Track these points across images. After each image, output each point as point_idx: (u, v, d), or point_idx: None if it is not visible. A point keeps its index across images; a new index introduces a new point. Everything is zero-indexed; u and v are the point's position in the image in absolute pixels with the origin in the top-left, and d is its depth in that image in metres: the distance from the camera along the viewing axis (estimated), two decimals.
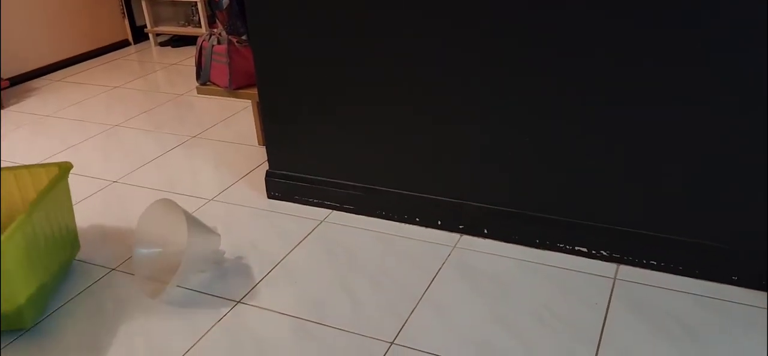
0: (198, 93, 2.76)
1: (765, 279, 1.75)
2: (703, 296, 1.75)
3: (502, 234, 2.06)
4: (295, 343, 1.69)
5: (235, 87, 2.60)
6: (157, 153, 2.94)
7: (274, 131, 2.35)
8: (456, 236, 2.13)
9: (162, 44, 4.88)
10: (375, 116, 2.12)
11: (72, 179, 2.72)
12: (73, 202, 2.53)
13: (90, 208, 2.49)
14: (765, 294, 1.74)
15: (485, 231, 2.10)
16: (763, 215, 1.70)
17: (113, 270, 2.07)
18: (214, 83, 2.68)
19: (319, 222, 2.27)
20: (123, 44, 4.89)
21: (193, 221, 1.88)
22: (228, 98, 3.10)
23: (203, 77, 2.69)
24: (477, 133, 1.98)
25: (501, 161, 1.98)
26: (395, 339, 1.68)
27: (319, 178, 2.33)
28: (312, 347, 1.67)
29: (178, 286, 1.93)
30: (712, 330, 1.62)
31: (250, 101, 2.86)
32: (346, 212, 2.32)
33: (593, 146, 1.83)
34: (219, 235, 2.00)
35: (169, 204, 1.93)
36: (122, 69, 4.33)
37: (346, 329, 1.73)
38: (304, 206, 2.38)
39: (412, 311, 1.78)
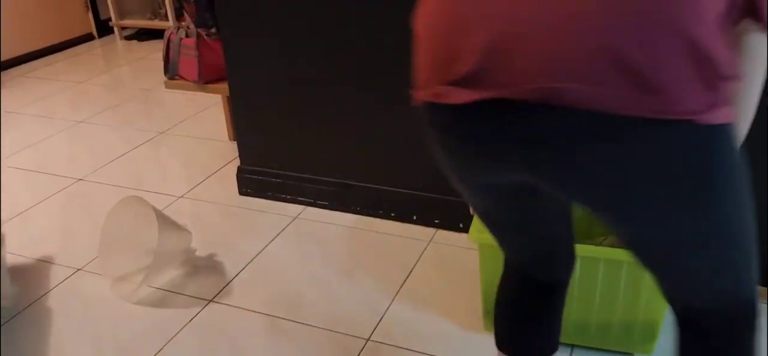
0: (166, 87, 2.69)
1: None
2: None
3: None
4: (270, 342, 1.66)
5: (205, 81, 2.54)
6: (123, 150, 2.86)
7: (245, 125, 2.31)
8: (432, 230, 2.12)
9: (128, 38, 4.77)
10: (349, 111, 2.10)
11: (35, 177, 2.63)
12: (36, 200, 2.45)
13: (53, 207, 2.41)
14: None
15: (461, 225, 2.09)
16: None
17: (79, 270, 2.00)
18: (182, 77, 2.62)
19: (292, 218, 2.23)
20: (87, 38, 4.76)
21: (162, 219, 1.83)
22: (197, 93, 3.05)
23: (171, 71, 2.63)
24: None
25: None
26: (371, 335, 1.66)
27: (292, 173, 2.29)
28: (287, 345, 1.64)
29: (147, 286, 1.88)
30: None
31: (219, 95, 2.80)
32: (320, 208, 2.28)
33: None
34: (190, 233, 1.95)
35: (137, 201, 1.88)
36: (86, 64, 4.22)
37: (321, 326, 1.70)
38: (277, 202, 2.34)
39: (389, 307, 1.76)
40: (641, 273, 1.41)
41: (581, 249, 1.43)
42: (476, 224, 1.54)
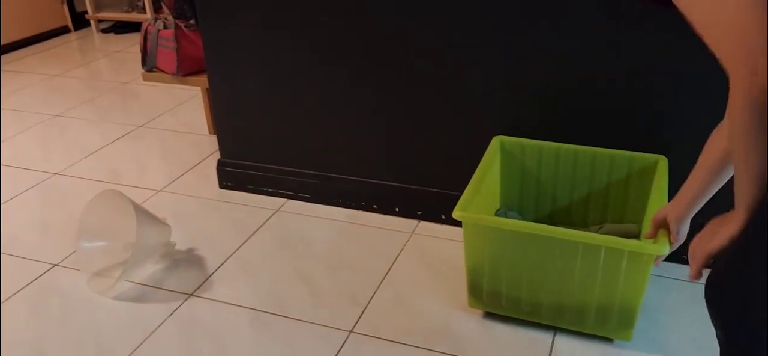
0: (144, 80, 2.65)
1: None
2: None
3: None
4: (252, 335, 1.64)
5: (184, 73, 2.51)
6: (100, 144, 2.82)
7: (225, 118, 2.28)
8: (414, 222, 2.11)
9: (104, 31, 4.69)
10: (331, 103, 2.08)
11: (10, 171, 2.58)
12: (9, 196, 2.40)
13: (28, 202, 2.36)
14: None
15: (442, 217, 2.09)
16: None
17: (56, 265, 1.96)
18: (160, 70, 2.58)
19: (273, 211, 2.21)
20: (62, 31, 4.67)
21: (141, 212, 1.80)
22: (176, 86, 3.01)
23: (149, 63, 2.59)
24: (434, 119, 1.97)
25: (458, 148, 1.97)
26: (354, 327, 1.65)
27: (273, 166, 2.27)
28: (269, 338, 1.63)
29: (126, 280, 1.85)
30: None
31: (199, 88, 2.77)
32: (301, 200, 2.27)
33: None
34: (169, 226, 1.93)
35: (115, 195, 1.84)
36: (62, 57, 4.14)
37: (304, 319, 1.69)
38: (258, 195, 2.32)
39: (371, 298, 1.75)
40: (619, 259, 1.42)
41: (560, 232, 1.44)
42: (461, 202, 1.54)
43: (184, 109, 3.17)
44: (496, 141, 1.84)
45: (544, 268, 1.51)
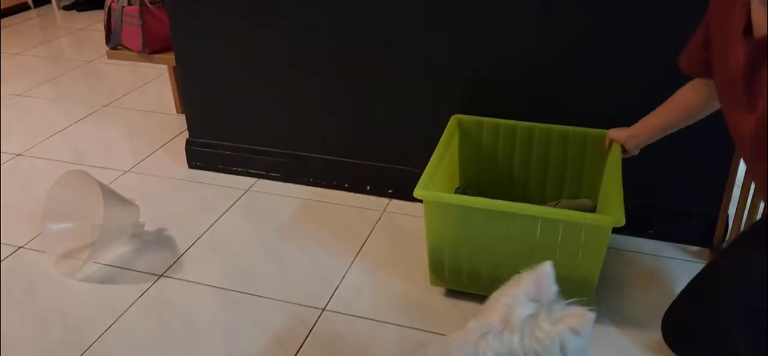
0: (108, 58, 2.59)
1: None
2: None
3: None
4: (225, 314, 1.64)
5: (150, 51, 2.46)
6: (64, 124, 2.75)
7: (193, 97, 2.25)
8: (385, 200, 2.12)
9: (66, 8, 4.56)
10: (301, 81, 2.06)
11: None
12: None
13: None
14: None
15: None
16: None
17: (21, 248, 1.92)
18: (125, 47, 2.53)
19: (244, 191, 2.20)
20: (22, 8, 4.53)
21: (108, 193, 1.77)
22: (141, 64, 2.95)
23: (113, 41, 2.53)
24: (404, 98, 1.97)
25: (429, 126, 1.97)
26: (327, 305, 1.66)
27: (244, 145, 2.25)
28: (242, 317, 1.62)
29: (94, 262, 1.82)
30: None
31: (165, 65, 2.72)
32: (272, 180, 2.25)
33: None
34: (137, 207, 1.90)
35: (80, 176, 1.81)
36: (22, 35, 4.02)
37: (276, 298, 1.69)
38: (228, 175, 2.30)
39: (343, 276, 1.76)
40: (578, 232, 1.46)
41: (519, 208, 1.47)
42: (422, 181, 1.55)
43: (151, 88, 3.11)
44: (454, 120, 1.85)
45: (505, 244, 1.54)
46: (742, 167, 1.68)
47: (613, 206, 1.42)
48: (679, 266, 1.77)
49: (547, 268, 1.06)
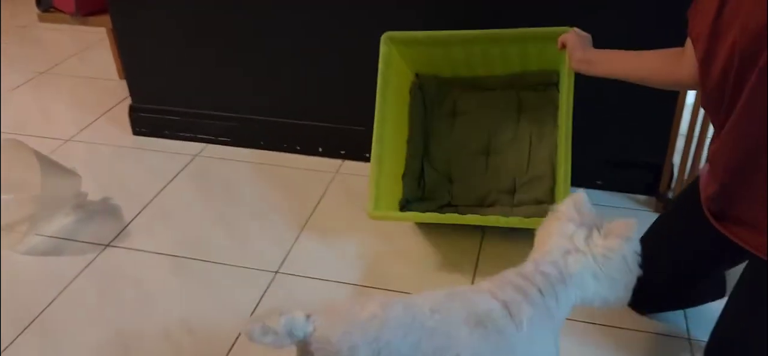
0: (40, 21, 2.46)
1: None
2: None
3: None
4: (176, 281, 1.60)
5: (84, 13, 2.34)
6: None
7: (135, 61, 2.16)
8: (338, 161, 2.10)
9: None
10: (249, 41, 2.00)
11: None
12: None
13: None
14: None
15: (366, 155, 2.08)
16: None
17: None
18: (58, 9, 2.40)
19: (192, 157, 2.14)
20: None
21: (46, 162, 1.70)
22: (80, 28, 2.82)
23: (44, 3, 2.40)
24: (356, 57, 1.94)
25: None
26: (280, 267, 1.64)
27: (191, 110, 2.19)
28: (193, 283, 1.59)
29: (36, 234, 1.75)
30: None
31: (104, 28, 2.60)
32: (221, 144, 2.20)
33: None
34: (79, 176, 1.83)
35: (16, 146, 1.73)
36: None
37: (228, 263, 1.66)
38: (175, 141, 2.23)
39: (297, 239, 1.74)
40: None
41: (470, 219, 1.55)
42: (371, 190, 1.60)
43: (92, 53, 2.99)
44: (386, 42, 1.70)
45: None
46: (685, 118, 1.73)
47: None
48: (627, 215, 1.81)
49: (582, 195, 1.11)
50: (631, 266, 1.06)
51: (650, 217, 1.79)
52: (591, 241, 1.07)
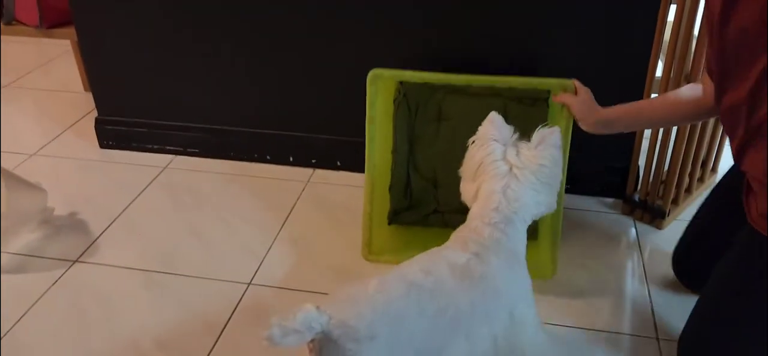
0: (3, 34, 2.41)
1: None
2: None
3: (356, 165, 2.06)
4: (145, 296, 1.58)
5: (48, 25, 2.30)
6: None
7: (100, 73, 2.13)
8: (309, 171, 2.10)
9: None
10: (217, 51, 1.99)
11: None
12: None
13: None
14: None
15: (338, 163, 2.09)
16: None
17: None
18: (20, 22, 2.35)
19: (161, 169, 2.12)
20: None
21: (9, 177, 1.66)
22: (43, 40, 2.78)
23: (6, 16, 2.35)
24: (324, 66, 1.94)
25: (351, 93, 1.96)
26: (253, 279, 1.63)
27: (158, 122, 2.16)
28: (164, 298, 1.57)
29: (1, 251, 1.71)
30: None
31: (68, 40, 2.56)
32: (190, 156, 2.18)
33: None
34: (44, 191, 1.79)
35: None
36: None
37: (200, 276, 1.64)
38: (143, 153, 2.21)
39: (269, 249, 1.73)
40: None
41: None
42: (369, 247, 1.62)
43: (56, 65, 2.94)
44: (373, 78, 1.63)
45: None
46: None
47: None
48: (596, 217, 1.84)
49: (496, 114, 1.22)
50: (560, 167, 1.17)
51: (618, 219, 1.84)
52: (522, 155, 1.16)
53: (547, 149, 1.15)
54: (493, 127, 1.19)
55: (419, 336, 1.01)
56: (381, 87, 1.62)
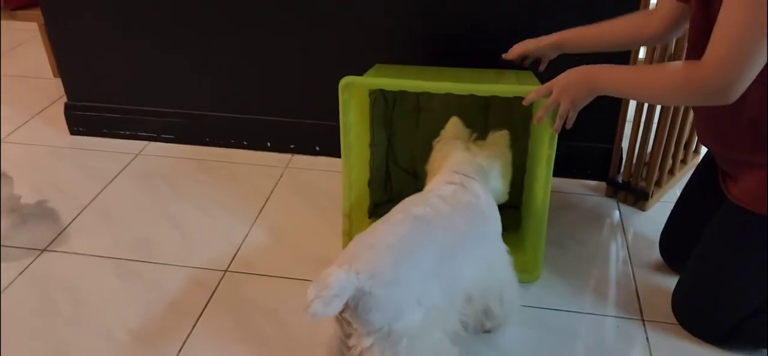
0: None
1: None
2: None
3: (335, 150, 2.01)
4: (118, 285, 1.52)
5: (13, 7, 2.22)
6: None
7: (68, 56, 2.06)
8: (287, 156, 2.05)
9: None
10: (193, 33, 1.93)
11: None
12: None
13: None
14: None
15: (317, 148, 2.04)
16: None
17: None
18: None
19: (134, 156, 2.05)
20: None
21: None
22: (8, 24, 2.68)
23: None
24: (302, 48, 1.89)
25: (330, 76, 1.91)
26: (229, 266, 1.58)
27: (131, 107, 2.10)
28: (137, 287, 1.52)
29: None
30: None
31: (35, 23, 2.47)
32: (165, 142, 2.12)
33: None
34: (10, 178, 1.72)
35: None
36: None
37: (175, 263, 1.59)
38: (115, 139, 2.14)
39: (246, 236, 1.68)
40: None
41: None
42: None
43: (23, 51, 2.84)
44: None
45: None
46: (632, 103, 1.75)
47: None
48: (579, 199, 1.83)
49: (457, 119, 1.39)
50: (510, 163, 1.37)
51: (601, 201, 1.82)
52: (480, 150, 1.33)
53: (500, 148, 1.35)
54: (456, 129, 1.37)
55: (434, 261, 1.07)
56: (354, 92, 1.51)
